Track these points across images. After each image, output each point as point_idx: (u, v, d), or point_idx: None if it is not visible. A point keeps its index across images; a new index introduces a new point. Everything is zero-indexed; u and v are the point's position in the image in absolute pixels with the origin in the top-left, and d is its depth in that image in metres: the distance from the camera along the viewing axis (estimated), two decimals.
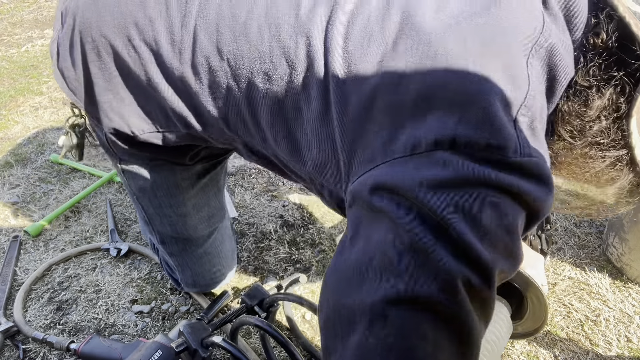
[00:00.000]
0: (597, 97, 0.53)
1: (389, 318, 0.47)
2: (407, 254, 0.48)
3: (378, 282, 0.48)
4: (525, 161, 0.50)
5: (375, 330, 0.47)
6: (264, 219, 1.47)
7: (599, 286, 1.18)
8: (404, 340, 0.46)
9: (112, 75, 0.75)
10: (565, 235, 1.34)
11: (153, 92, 0.74)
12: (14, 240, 1.40)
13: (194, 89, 0.71)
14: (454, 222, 0.48)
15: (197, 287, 1.17)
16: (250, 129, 0.72)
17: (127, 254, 1.35)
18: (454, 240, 0.48)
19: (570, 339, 1.07)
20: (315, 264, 1.31)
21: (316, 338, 1.11)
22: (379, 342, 0.47)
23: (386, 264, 0.48)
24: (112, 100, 0.78)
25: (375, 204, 0.51)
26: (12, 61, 2.61)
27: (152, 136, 0.81)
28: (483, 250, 0.48)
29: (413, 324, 0.47)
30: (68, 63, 0.78)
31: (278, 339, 0.86)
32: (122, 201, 1.57)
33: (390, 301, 0.47)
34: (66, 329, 1.15)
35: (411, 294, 0.47)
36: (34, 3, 3.46)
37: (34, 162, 1.77)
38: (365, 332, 0.47)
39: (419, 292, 0.47)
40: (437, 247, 0.47)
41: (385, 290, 0.47)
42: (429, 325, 0.47)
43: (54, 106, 2.15)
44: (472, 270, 0.48)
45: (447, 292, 0.47)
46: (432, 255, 0.47)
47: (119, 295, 1.23)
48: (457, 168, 0.49)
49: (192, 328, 0.93)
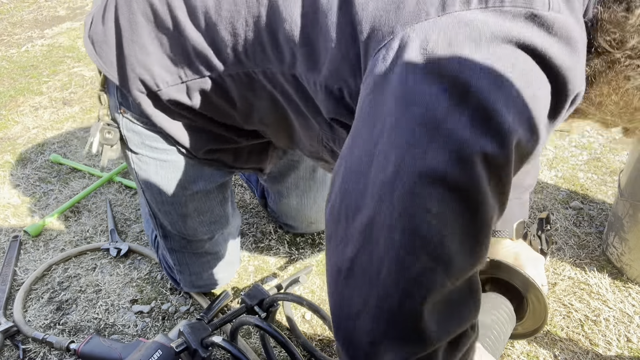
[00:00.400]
0: (639, 2, 0.49)
1: (395, 193, 0.47)
2: (419, 122, 0.47)
3: (386, 161, 0.48)
4: (553, 17, 0.47)
5: (383, 207, 0.47)
6: (264, 219, 1.47)
7: (599, 286, 1.18)
8: (409, 216, 0.47)
9: (139, 25, 0.79)
10: (565, 235, 1.34)
11: (178, 34, 0.77)
12: (14, 240, 1.40)
13: (215, 22, 0.73)
14: (475, 83, 0.46)
15: (195, 287, 1.17)
16: (269, 52, 0.72)
17: (127, 254, 1.35)
18: (474, 104, 0.46)
19: (570, 339, 1.07)
20: (315, 264, 1.31)
21: (316, 338, 1.11)
22: (385, 217, 0.47)
23: (395, 140, 0.48)
24: (137, 51, 0.81)
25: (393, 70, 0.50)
26: (12, 61, 2.61)
27: (176, 90, 0.83)
28: (501, 115, 0.46)
29: (418, 198, 0.47)
30: (99, 27, 0.83)
31: (278, 339, 0.86)
32: (122, 201, 1.57)
33: (397, 176, 0.47)
34: (66, 329, 1.15)
35: (419, 169, 0.47)
36: (34, 3, 3.46)
37: (34, 162, 1.77)
38: (372, 210, 0.48)
39: (428, 165, 0.46)
40: (451, 113, 0.46)
41: (393, 165, 0.47)
42: (435, 199, 0.47)
43: (54, 106, 2.15)
44: (490, 137, 0.46)
45: (459, 164, 0.46)
46: (445, 125, 0.46)
47: (119, 295, 1.23)
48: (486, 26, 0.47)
49: (192, 328, 0.93)
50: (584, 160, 1.64)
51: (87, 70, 2.47)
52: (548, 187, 1.52)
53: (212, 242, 1.09)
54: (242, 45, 0.74)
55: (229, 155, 0.98)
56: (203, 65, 0.80)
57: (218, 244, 1.11)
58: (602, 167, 1.60)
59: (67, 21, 3.13)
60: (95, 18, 0.85)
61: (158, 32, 0.80)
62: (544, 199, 1.48)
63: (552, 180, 1.55)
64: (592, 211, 1.42)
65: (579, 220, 1.39)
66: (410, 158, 0.47)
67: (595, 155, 1.67)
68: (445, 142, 0.46)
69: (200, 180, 0.99)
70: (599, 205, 1.44)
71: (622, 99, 0.54)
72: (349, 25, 0.59)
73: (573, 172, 1.59)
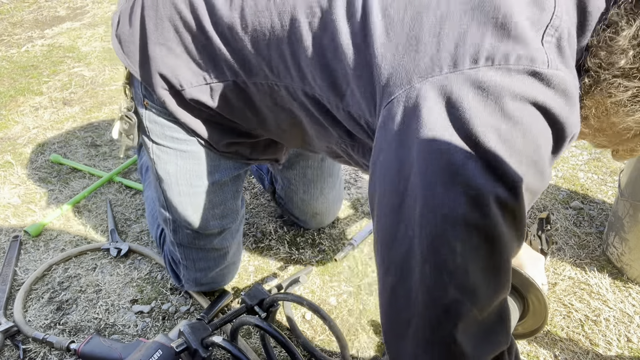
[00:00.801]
0: (626, 27, 0.54)
1: (422, 234, 0.55)
2: (442, 168, 0.54)
3: (414, 202, 0.55)
4: (552, 73, 0.53)
5: (414, 247, 0.55)
6: (264, 219, 1.47)
7: (599, 286, 1.18)
8: (435, 254, 0.54)
9: (165, 28, 0.82)
10: (565, 235, 1.34)
11: (204, 40, 0.81)
12: (14, 240, 1.40)
13: (240, 36, 0.77)
14: (483, 137, 0.53)
15: (198, 285, 1.17)
16: (291, 70, 0.75)
17: (127, 254, 1.35)
18: (483, 155, 0.52)
19: (570, 339, 1.07)
20: (315, 264, 1.31)
21: (316, 338, 1.11)
22: (415, 256, 0.55)
23: (421, 183, 0.55)
24: (163, 52, 0.84)
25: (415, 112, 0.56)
26: (12, 61, 2.61)
27: (199, 90, 0.86)
28: (510, 164, 0.53)
29: (443, 238, 0.54)
30: (126, 28, 0.87)
31: (278, 338, 0.86)
32: (122, 201, 1.57)
33: (423, 216, 0.54)
34: (66, 329, 1.15)
35: (442, 211, 0.53)
36: (34, 3, 3.46)
37: (34, 162, 1.77)
38: (408, 244, 0.56)
39: (450, 208, 0.53)
40: (467, 162, 0.53)
41: (420, 207, 0.55)
42: (458, 239, 0.54)
43: (54, 106, 2.15)
44: (500, 184, 0.53)
45: (477, 206, 0.53)
46: (463, 171, 0.52)
47: (119, 295, 1.23)
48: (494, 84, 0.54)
49: (192, 328, 0.93)
50: (584, 160, 1.64)
51: (87, 70, 2.47)
52: (548, 187, 1.52)
53: (221, 238, 1.10)
54: (266, 62, 0.77)
55: (247, 148, 1.01)
56: (228, 71, 0.82)
57: (225, 239, 1.11)
58: (602, 167, 1.60)
59: (67, 21, 3.13)
60: (122, 18, 0.88)
61: (184, 36, 0.82)
62: (544, 199, 1.48)
63: (552, 180, 1.55)
64: (592, 211, 1.42)
65: (579, 220, 1.39)
66: (433, 200, 0.54)
67: (596, 155, 1.67)
68: (464, 187, 0.53)
69: (217, 172, 1.01)
70: (599, 205, 1.44)
71: (602, 114, 0.60)
72: (367, 66, 0.64)
73: (573, 172, 1.59)
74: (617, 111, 0.58)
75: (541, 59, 0.54)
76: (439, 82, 0.56)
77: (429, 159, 0.54)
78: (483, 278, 0.56)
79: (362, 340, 1.10)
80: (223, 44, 0.80)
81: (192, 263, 1.12)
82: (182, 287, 1.19)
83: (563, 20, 0.56)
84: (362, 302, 1.19)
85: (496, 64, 0.54)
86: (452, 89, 0.54)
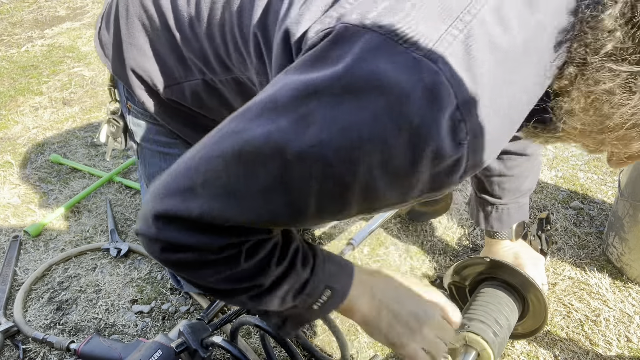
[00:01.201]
0: (610, 4, 0.48)
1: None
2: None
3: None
4: (421, 60, 0.48)
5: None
6: None
7: (599, 286, 1.18)
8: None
9: (135, 28, 0.81)
10: (565, 235, 1.34)
11: (170, 38, 0.79)
12: (14, 240, 1.40)
13: (198, 32, 0.74)
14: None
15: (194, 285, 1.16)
16: (248, 63, 0.73)
17: (127, 254, 1.35)
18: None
19: (570, 339, 1.07)
20: None
21: (316, 338, 1.11)
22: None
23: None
24: (135, 53, 0.83)
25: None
26: (12, 61, 2.61)
27: (172, 90, 0.84)
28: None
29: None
30: (105, 29, 0.87)
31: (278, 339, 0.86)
32: (122, 201, 1.57)
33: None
34: (66, 329, 1.15)
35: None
36: (34, 3, 3.46)
37: (34, 162, 1.77)
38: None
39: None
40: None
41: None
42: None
43: (54, 106, 2.15)
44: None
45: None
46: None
47: (119, 295, 1.23)
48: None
49: (192, 328, 0.93)
50: (584, 160, 1.64)
51: (87, 70, 2.47)
52: (548, 187, 1.52)
53: None
54: (225, 54, 0.75)
55: None
56: (195, 69, 0.81)
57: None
58: (602, 167, 1.60)
59: (67, 21, 3.13)
60: (104, 19, 0.88)
61: (152, 36, 0.81)
62: (544, 199, 1.48)
63: (552, 180, 1.55)
64: (592, 211, 1.42)
65: (579, 220, 1.39)
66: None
67: (596, 155, 1.67)
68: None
69: None
70: (599, 205, 1.44)
71: (592, 105, 0.53)
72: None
73: (573, 172, 1.59)
74: (606, 101, 0.51)
75: (421, 44, 0.49)
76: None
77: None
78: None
79: (362, 340, 1.10)
80: (185, 42, 0.78)
81: None
82: (181, 287, 1.19)
83: (483, 17, 0.51)
84: None
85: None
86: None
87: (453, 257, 1.30)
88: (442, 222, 1.41)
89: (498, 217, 1.07)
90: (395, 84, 0.47)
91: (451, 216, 1.43)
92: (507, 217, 1.06)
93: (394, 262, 1.29)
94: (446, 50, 0.49)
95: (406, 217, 1.42)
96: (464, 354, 0.88)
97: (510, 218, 1.07)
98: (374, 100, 0.48)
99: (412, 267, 1.28)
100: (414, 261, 1.29)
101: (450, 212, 1.43)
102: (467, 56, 0.49)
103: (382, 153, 0.49)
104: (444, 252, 1.32)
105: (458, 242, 1.35)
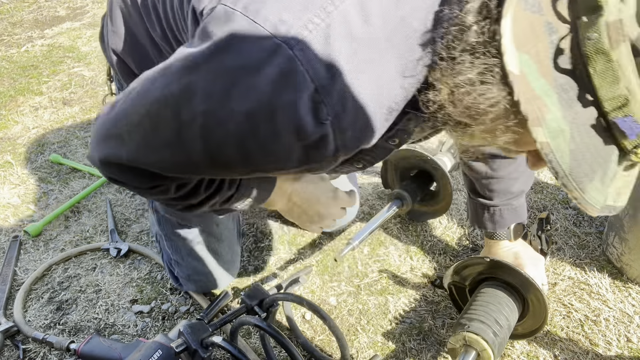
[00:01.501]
0: (470, 1, 0.51)
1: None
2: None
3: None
4: (280, 45, 0.52)
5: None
6: (264, 219, 1.47)
7: (599, 286, 1.18)
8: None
9: (117, 16, 0.86)
10: (565, 235, 1.34)
11: (142, 22, 0.83)
12: (14, 240, 1.40)
13: (160, 12, 0.78)
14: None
15: (192, 282, 1.17)
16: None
17: (127, 254, 1.35)
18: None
19: (570, 339, 1.07)
20: (315, 264, 1.31)
21: (316, 338, 1.11)
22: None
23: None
24: (117, 41, 0.88)
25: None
26: (12, 61, 2.61)
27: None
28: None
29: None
30: (106, 23, 0.92)
31: (278, 339, 0.86)
32: (122, 201, 1.57)
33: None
34: (66, 329, 1.15)
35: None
36: (34, 3, 3.46)
37: (34, 162, 1.77)
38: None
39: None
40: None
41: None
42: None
43: (54, 106, 2.15)
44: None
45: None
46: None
47: (119, 295, 1.23)
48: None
49: (192, 328, 0.93)
50: None
51: (87, 70, 2.47)
52: (548, 187, 1.52)
53: (205, 234, 1.11)
54: (178, 34, 0.78)
55: None
56: (164, 50, 0.83)
57: (211, 238, 1.12)
58: None
59: (67, 21, 3.13)
60: (106, 17, 0.93)
61: (128, 20, 0.85)
62: (544, 199, 1.48)
63: (552, 180, 1.55)
64: None
65: (579, 220, 1.39)
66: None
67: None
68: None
69: None
70: None
71: (456, 97, 0.55)
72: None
73: None
74: (468, 93, 0.53)
75: (263, 18, 0.54)
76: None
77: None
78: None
79: (362, 340, 1.10)
80: (151, 23, 0.81)
81: (181, 258, 1.13)
82: (180, 287, 1.19)
83: (347, 10, 0.54)
84: (362, 302, 1.19)
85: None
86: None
87: (453, 257, 1.30)
88: (442, 222, 1.41)
89: (490, 218, 1.08)
90: (254, 65, 0.53)
91: (451, 216, 1.43)
92: (500, 219, 1.07)
93: (394, 262, 1.29)
94: (306, 37, 0.53)
95: (406, 217, 1.42)
96: (464, 354, 0.88)
97: (503, 220, 1.07)
98: (240, 77, 0.54)
99: (412, 267, 1.28)
100: (414, 261, 1.29)
101: (450, 212, 1.43)
102: (326, 44, 0.53)
103: (249, 123, 0.56)
104: (444, 252, 1.32)
105: (458, 242, 1.35)
